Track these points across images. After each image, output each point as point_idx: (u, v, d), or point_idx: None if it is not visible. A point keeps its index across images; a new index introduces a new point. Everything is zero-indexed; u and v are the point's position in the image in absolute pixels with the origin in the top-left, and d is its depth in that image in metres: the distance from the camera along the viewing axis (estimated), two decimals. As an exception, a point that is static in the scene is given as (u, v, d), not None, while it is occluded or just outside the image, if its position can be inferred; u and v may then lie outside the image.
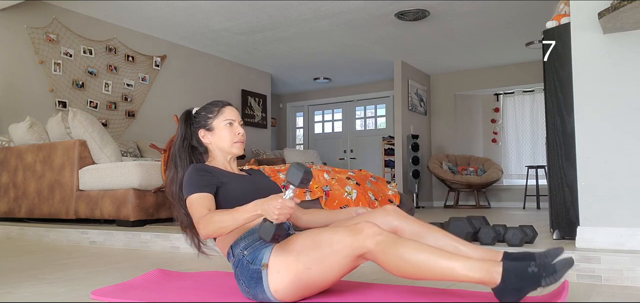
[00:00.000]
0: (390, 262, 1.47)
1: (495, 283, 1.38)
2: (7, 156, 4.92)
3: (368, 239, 1.48)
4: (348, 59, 8.10)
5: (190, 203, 1.71)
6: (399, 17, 6.16)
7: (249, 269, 1.64)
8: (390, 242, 1.47)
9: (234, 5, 5.79)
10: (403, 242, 1.48)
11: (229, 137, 1.89)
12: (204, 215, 1.64)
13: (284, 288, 1.59)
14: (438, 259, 1.42)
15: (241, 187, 1.79)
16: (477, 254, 1.59)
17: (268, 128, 8.98)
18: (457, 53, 7.81)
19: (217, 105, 1.93)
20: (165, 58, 7.06)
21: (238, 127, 1.92)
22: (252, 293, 1.65)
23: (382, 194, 3.92)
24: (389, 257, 1.46)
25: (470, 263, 1.40)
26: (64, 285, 2.09)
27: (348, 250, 1.51)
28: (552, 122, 2.59)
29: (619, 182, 2.22)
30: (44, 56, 5.69)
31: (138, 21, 6.37)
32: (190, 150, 1.92)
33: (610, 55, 2.27)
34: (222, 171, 1.83)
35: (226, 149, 1.90)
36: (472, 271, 1.39)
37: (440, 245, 1.61)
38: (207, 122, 1.91)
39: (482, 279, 1.39)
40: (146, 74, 6.81)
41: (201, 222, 1.63)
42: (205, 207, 1.68)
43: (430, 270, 1.42)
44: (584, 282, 2.03)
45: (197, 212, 1.67)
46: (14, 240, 4.19)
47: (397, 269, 1.47)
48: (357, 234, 1.50)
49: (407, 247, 1.46)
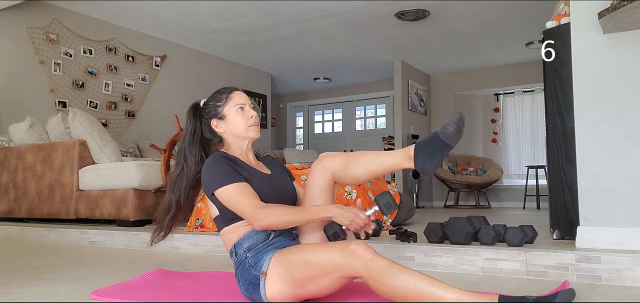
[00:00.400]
0: (382, 291, 1.47)
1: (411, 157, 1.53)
2: (7, 156, 4.92)
3: (360, 264, 1.48)
4: (348, 59, 8.09)
5: (228, 195, 1.64)
6: (399, 17, 6.16)
7: (250, 273, 1.64)
8: (382, 269, 1.46)
9: (234, 5, 5.79)
10: (394, 270, 1.46)
11: (243, 122, 1.82)
12: (259, 206, 1.61)
13: (280, 298, 1.60)
14: (431, 289, 1.41)
15: (264, 189, 1.72)
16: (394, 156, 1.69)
17: (268, 128, 8.98)
18: (457, 53, 7.80)
19: (225, 92, 1.85)
20: (165, 58, 7.06)
21: (250, 110, 1.85)
22: (250, 296, 1.66)
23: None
24: (380, 286, 1.47)
25: (464, 295, 1.41)
26: (64, 285, 2.09)
27: (340, 273, 1.52)
28: (552, 122, 2.59)
29: (619, 182, 2.22)
30: (44, 56, 5.69)
31: (138, 21, 6.37)
32: (201, 143, 1.85)
33: (610, 55, 2.27)
34: (243, 164, 1.77)
35: (242, 134, 1.83)
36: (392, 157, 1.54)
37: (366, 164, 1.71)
38: (218, 111, 1.83)
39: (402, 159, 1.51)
40: (146, 74, 6.81)
41: (259, 212, 1.60)
42: (254, 196, 1.64)
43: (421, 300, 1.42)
44: (584, 282, 2.03)
45: (247, 203, 1.62)
46: (14, 240, 4.19)
47: (388, 297, 1.48)
48: (349, 258, 1.49)
49: (398, 277, 1.44)
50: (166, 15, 6.13)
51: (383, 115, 9.90)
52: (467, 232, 2.52)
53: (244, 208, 1.62)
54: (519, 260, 2.21)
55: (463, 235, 2.52)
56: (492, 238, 2.46)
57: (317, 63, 8.34)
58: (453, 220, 2.60)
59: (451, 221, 2.60)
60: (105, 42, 6.33)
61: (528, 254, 2.20)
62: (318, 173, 1.74)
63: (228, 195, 1.64)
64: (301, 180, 3.61)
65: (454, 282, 2.06)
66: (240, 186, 1.64)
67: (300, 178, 3.62)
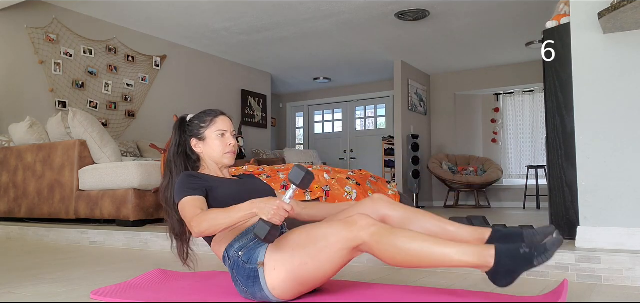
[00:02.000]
0: (385, 251, 1.48)
1: (488, 267, 1.40)
2: (7, 156, 4.92)
3: (362, 231, 1.49)
4: (348, 59, 8.09)
5: (182, 207, 1.71)
6: (399, 17, 6.16)
7: (245, 269, 1.65)
8: (384, 232, 1.48)
9: (234, 5, 5.79)
10: (397, 231, 1.49)
11: (220, 148, 1.91)
12: (196, 214, 1.64)
13: (280, 284, 1.59)
14: (432, 246, 1.44)
15: (231, 190, 1.81)
16: (466, 232, 1.64)
17: (268, 128, 8.98)
18: (457, 53, 7.80)
19: (210, 115, 1.94)
20: (165, 58, 7.06)
21: (230, 137, 1.93)
22: (250, 292, 1.65)
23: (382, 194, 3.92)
24: (383, 247, 1.47)
25: (463, 248, 1.42)
26: (64, 285, 2.09)
27: (343, 243, 1.51)
28: (552, 122, 2.59)
29: (619, 182, 2.22)
30: (44, 56, 5.69)
31: (138, 21, 6.36)
32: (185, 156, 1.94)
33: (610, 55, 2.27)
34: (212, 177, 1.86)
35: (216, 159, 1.92)
36: (465, 256, 1.41)
37: (427, 227, 1.66)
38: (200, 132, 1.93)
39: (476, 263, 1.40)
40: (146, 74, 6.81)
41: (194, 220, 1.62)
42: (198, 207, 1.68)
43: (424, 257, 1.44)
44: (584, 282, 2.03)
45: (189, 212, 1.67)
46: (14, 240, 4.19)
47: (392, 258, 1.48)
48: (351, 226, 1.51)
49: (401, 237, 1.47)
50: (166, 15, 6.13)
51: (383, 115, 9.89)
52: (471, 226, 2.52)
53: (186, 217, 1.68)
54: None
55: (463, 235, 2.52)
56: (492, 238, 2.45)
57: (317, 63, 8.34)
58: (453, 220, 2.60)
59: (451, 221, 2.60)
60: (105, 42, 6.33)
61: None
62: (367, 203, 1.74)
63: (182, 206, 1.72)
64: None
65: (454, 282, 2.06)
66: (191, 198, 1.71)
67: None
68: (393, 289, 1.89)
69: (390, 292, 1.83)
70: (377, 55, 7.91)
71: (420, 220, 1.70)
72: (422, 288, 1.91)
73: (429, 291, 1.85)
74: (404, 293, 1.82)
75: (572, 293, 1.83)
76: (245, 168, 4.05)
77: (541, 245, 1.37)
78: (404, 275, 2.25)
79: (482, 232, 1.61)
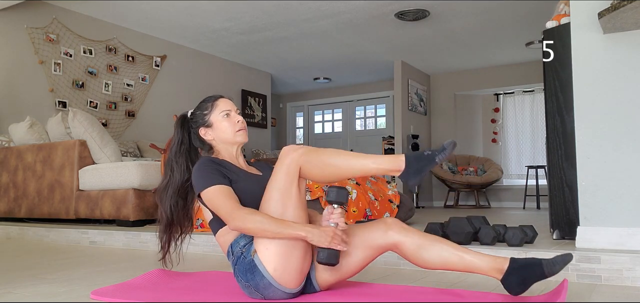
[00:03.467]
0: (315, 168, 1.66)
1: (400, 169, 1.66)
2: (7, 156, 4.92)
3: (294, 153, 1.67)
4: (348, 59, 8.09)
5: (210, 196, 1.66)
6: (399, 17, 6.16)
7: (244, 263, 1.66)
8: (312, 151, 1.68)
9: (234, 5, 5.79)
10: (322, 150, 1.70)
11: (230, 128, 1.86)
12: (237, 207, 1.63)
13: (276, 259, 1.61)
14: (353, 159, 1.68)
15: (251, 189, 1.75)
16: (484, 262, 1.64)
17: (268, 128, 8.98)
18: (457, 53, 7.80)
19: (210, 101, 1.91)
20: (165, 58, 7.06)
21: (236, 115, 1.89)
22: (253, 285, 1.65)
23: (382, 194, 3.92)
24: (314, 165, 1.66)
25: (379, 159, 1.67)
26: (64, 285, 2.09)
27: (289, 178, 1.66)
28: (552, 122, 2.59)
29: (619, 182, 2.22)
30: (44, 56, 5.69)
31: (138, 21, 6.37)
32: (188, 153, 1.89)
33: (610, 55, 2.27)
34: (232, 166, 1.80)
35: (230, 140, 1.87)
36: (381, 163, 1.67)
37: (444, 255, 1.67)
38: (205, 119, 1.88)
39: (391, 168, 1.67)
40: (146, 74, 6.81)
41: (236, 213, 1.61)
42: (234, 199, 1.66)
43: (347, 168, 1.68)
44: (584, 282, 2.04)
45: (226, 204, 1.64)
46: (14, 240, 4.19)
47: (322, 174, 1.68)
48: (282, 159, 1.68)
49: (325, 154, 1.69)
50: (166, 15, 6.13)
51: (383, 115, 9.90)
52: (467, 232, 2.53)
53: (222, 208, 1.65)
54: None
55: (463, 235, 2.52)
56: (492, 238, 2.46)
57: (317, 63, 8.34)
58: (453, 220, 2.60)
59: (451, 221, 2.60)
60: (105, 42, 6.33)
61: (528, 254, 2.20)
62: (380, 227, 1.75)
63: (209, 196, 1.67)
64: None
65: (454, 282, 2.06)
66: (221, 188, 1.67)
67: None
68: (393, 289, 1.89)
69: (390, 292, 1.83)
70: (377, 55, 7.91)
71: (437, 247, 1.68)
72: (422, 288, 1.91)
73: (429, 291, 1.85)
74: (404, 293, 1.82)
75: (572, 293, 1.83)
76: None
77: (441, 147, 1.64)
78: (404, 275, 2.26)
79: (501, 262, 1.62)
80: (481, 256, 1.65)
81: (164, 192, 1.85)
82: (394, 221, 1.75)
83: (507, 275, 1.60)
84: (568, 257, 1.57)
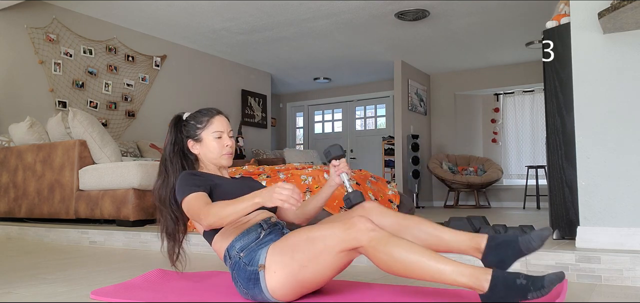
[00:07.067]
0: (382, 259, 1.48)
1: (483, 290, 1.39)
2: (7, 156, 4.92)
3: (361, 234, 1.49)
4: (348, 59, 8.09)
5: (187, 205, 1.71)
6: (399, 17, 6.16)
7: (246, 271, 1.65)
8: (383, 239, 1.48)
9: (234, 5, 5.79)
10: (396, 241, 1.48)
11: (217, 150, 1.90)
12: (204, 207, 1.65)
13: (280, 287, 1.59)
14: (428, 261, 1.43)
15: (233, 187, 1.81)
16: (461, 239, 1.63)
17: (268, 128, 8.98)
18: (457, 53, 7.80)
19: (206, 116, 1.93)
20: (165, 58, 7.06)
21: (227, 138, 1.92)
22: (250, 294, 1.65)
23: (382, 194, 3.92)
24: (380, 254, 1.47)
25: (460, 268, 1.40)
26: (64, 285, 2.09)
27: (342, 245, 1.51)
28: (552, 122, 2.59)
29: (619, 182, 2.22)
30: (44, 56, 5.69)
31: (138, 21, 6.37)
32: (182, 155, 1.93)
33: (610, 55, 2.27)
34: (213, 175, 1.86)
35: (214, 160, 1.92)
36: (461, 276, 1.39)
37: (422, 236, 1.67)
38: (196, 133, 1.91)
39: (471, 286, 1.39)
40: (146, 74, 6.81)
41: (202, 213, 1.63)
42: (204, 202, 1.69)
43: (420, 270, 1.43)
44: (584, 282, 2.03)
45: (196, 207, 1.68)
46: (14, 240, 4.19)
47: (388, 267, 1.48)
48: (350, 229, 1.50)
49: (399, 247, 1.46)
50: (166, 15, 6.13)
51: (383, 115, 9.89)
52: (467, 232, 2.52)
53: (194, 212, 1.68)
54: (519, 260, 2.21)
55: (463, 235, 2.52)
56: (492, 238, 2.46)
57: (317, 63, 8.34)
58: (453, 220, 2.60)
59: (451, 221, 2.60)
60: (105, 42, 6.33)
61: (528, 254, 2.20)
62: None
63: (187, 204, 1.71)
64: (300, 180, 3.62)
65: (454, 282, 2.06)
66: (196, 194, 1.71)
67: (300, 178, 3.62)
68: (393, 289, 1.89)
69: (390, 292, 1.83)
70: (377, 55, 7.91)
71: (414, 228, 1.68)
72: (422, 288, 1.91)
73: (428, 291, 1.85)
74: (404, 293, 1.82)
75: (572, 293, 1.83)
76: (245, 168, 4.05)
77: (539, 280, 1.35)
78: (404, 275, 2.25)
79: (479, 240, 1.59)
80: (459, 234, 1.65)
81: (160, 191, 1.88)
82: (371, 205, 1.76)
83: (485, 254, 1.59)
84: (546, 232, 1.50)
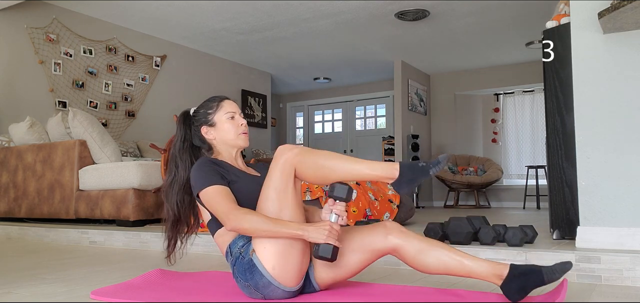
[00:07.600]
0: (309, 169, 1.66)
1: (394, 177, 1.63)
2: (7, 156, 4.92)
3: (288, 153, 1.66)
4: (348, 59, 8.09)
5: (208, 196, 1.67)
6: (399, 17, 6.16)
7: (243, 263, 1.66)
8: (306, 152, 1.68)
9: (234, 5, 5.79)
10: (318, 151, 1.70)
11: (233, 130, 1.87)
12: (234, 208, 1.63)
13: (274, 258, 1.61)
14: (345, 164, 1.66)
15: (250, 189, 1.75)
16: (483, 267, 1.64)
17: (268, 128, 8.98)
18: (457, 53, 7.80)
19: (216, 101, 1.91)
20: (165, 58, 7.06)
21: (240, 118, 1.90)
22: (252, 284, 1.65)
23: (382, 194, 3.92)
24: (307, 165, 1.65)
25: (373, 165, 1.65)
26: (64, 285, 2.09)
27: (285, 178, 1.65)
28: (552, 122, 2.59)
29: (619, 182, 2.22)
30: (44, 56, 5.69)
31: (138, 21, 6.36)
32: (191, 150, 1.90)
33: (610, 55, 2.27)
34: (231, 167, 1.80)
35: (231, 142, 1.88)
36: (375, 170, 1.64)
37: (444, 260, 1.67)
38: (208, 118, 1.88)
39: (385, 176, 1.64)
40: (146, 74, 6.81)
41: (233, 213, 1.61)
42: (231, 200, 1.66)
43: (342, 171, 1.65)
44: (584, 282, 2.04)
45: (222, 204, 1.64)
46: (14, 240, 4.19)
47: (315, 175, 1.67)
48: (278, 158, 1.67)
49: (321, 155, 1.68)
50: (166, 15, 6.13)
51: (383, 115, 9.90)
52: (467, 232, 2.53)
53: (219, 208, 1.65)
54: (519, 260, 2.21)
55: (463, 235, 2.52)
56: (492, 238, 2.46)
57: (317, 63, 8.34)
58: (453, 220, 2.60)
59: (451, 221, 2.60)
60: (105, 42, 6.33)
61: (528, 254, 2.20)
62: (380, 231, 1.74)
63: (208, 196, 1.67)
64: None
65: (454, 283, 2.06)
66: (219, 188, 1.68)
67: None
68: (393, 289, 1.89)
69: (390, 292, 1.83)
70: (377, 55, 7.91)
71: (437, 252, 1.68)
72: (422, 288, 1.91)
73: (428, 291, 1.85)
74: (404, 293, 1.82)
75: (572, 293, 1.83)
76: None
77: (435, 160, 1.61)
78: (404, 275, 2.26)
79: (501, 268, 1.62)
80: (481, 262, 1.65)
81: (169, 188, 1.84)
82: (393, 225, 1.75)
83: (506, 282, 1.60)
84: (568, 265, 1.55)
